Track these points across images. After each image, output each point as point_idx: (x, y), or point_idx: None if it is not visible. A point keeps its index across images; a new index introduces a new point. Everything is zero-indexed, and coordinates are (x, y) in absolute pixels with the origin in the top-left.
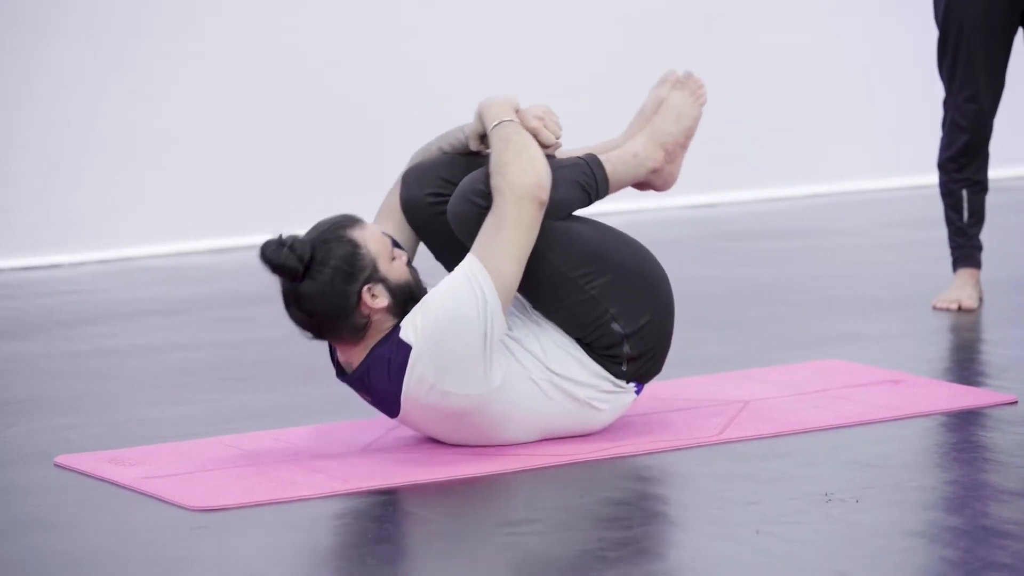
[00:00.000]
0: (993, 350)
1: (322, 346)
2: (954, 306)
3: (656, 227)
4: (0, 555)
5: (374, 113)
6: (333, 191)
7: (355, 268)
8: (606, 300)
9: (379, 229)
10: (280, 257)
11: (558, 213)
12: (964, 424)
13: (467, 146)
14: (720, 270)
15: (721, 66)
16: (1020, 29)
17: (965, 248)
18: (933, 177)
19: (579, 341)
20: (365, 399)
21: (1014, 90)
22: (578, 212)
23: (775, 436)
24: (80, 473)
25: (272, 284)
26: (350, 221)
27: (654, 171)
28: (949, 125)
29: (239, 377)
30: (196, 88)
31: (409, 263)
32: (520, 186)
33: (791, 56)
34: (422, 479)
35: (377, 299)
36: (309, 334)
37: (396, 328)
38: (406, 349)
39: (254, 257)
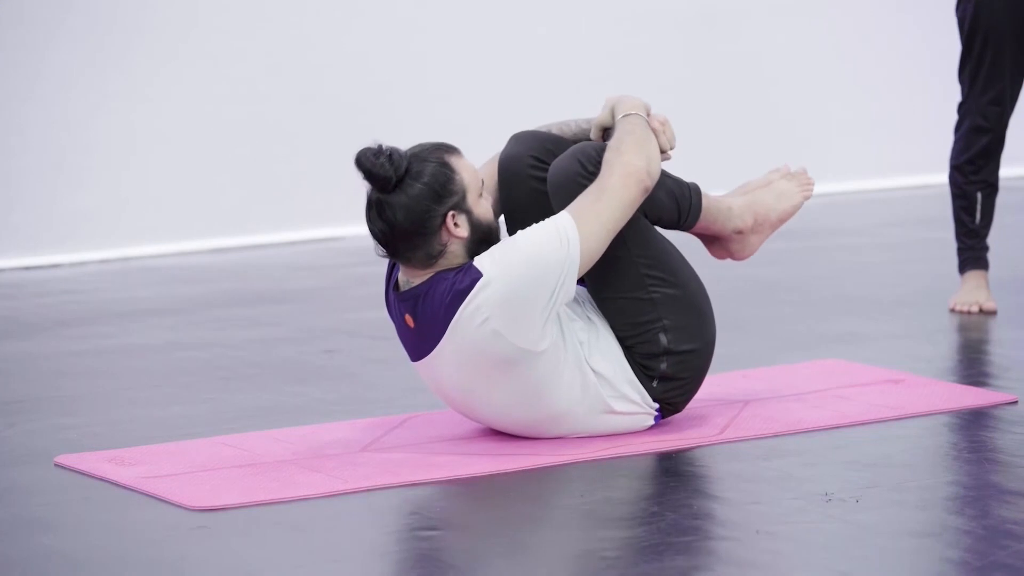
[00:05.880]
0: (993, 350)
1: (324, 342)
2: (974, 308)
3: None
4: (0, 555)
5: (373, 113)
6: (333, 191)
7: (445, 191)
8: (663, 309)
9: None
10: (376, 165)
11: (647, 214)
12: (964, 424)
13: (579, 135)
14: (720, 270)
15: (721, 66)
16: None
17: (975, 250)
18: (934, 177)
19: (623, 341)
20: (402, 328)
21: None
22: None
23: (775, 436)
24: (80, 473)
25: (272, 283)
26: (451, 148)
27: (739, 231)
28: (968, 128)
29: (239, 377)
30: (197, 88)
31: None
32: (631, 165)
33: (791, 56)
34: (422, 479)
35: (459, 228)
36: (383, 250)
37: (468, 262)
38: (476, 274)
39: (254, 257)
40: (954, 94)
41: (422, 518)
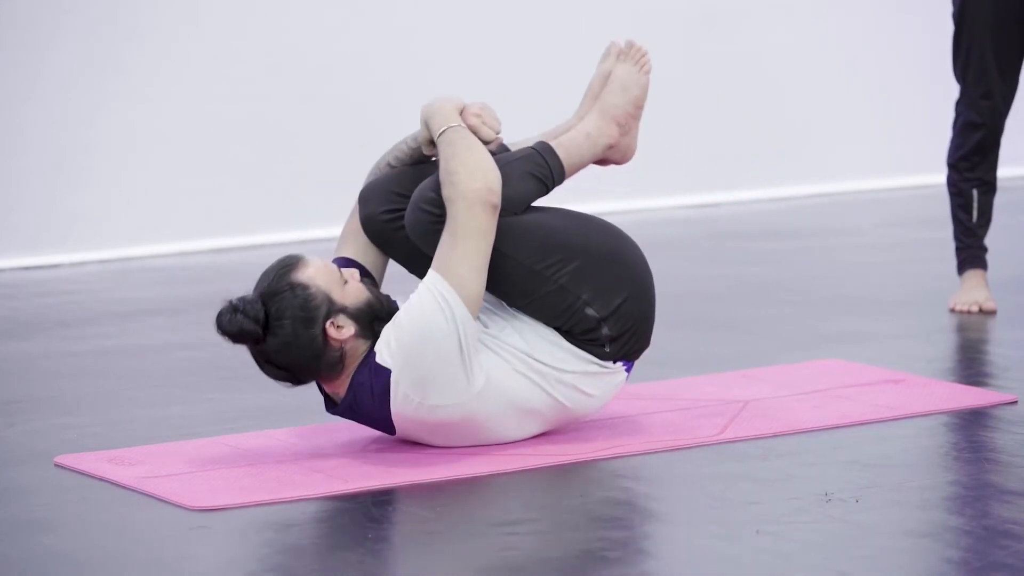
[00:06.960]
0: (993, 350)
1: None
2: (974, 308)
3: (656, 227)
4: (0, 555)
5: (374, 113)
6: (333, 191)
7: (311, 311)
8: (576, 287)
9: (322, 260)
10: (236, 325)
11: (516, 208)
12: (964, 424)
13: (415, 155)
14: (720, 270)
15: (721, 66)
16: None
17: (973, 249)
18: (934, 177)
19: (558, 330)
20: (362, 423)
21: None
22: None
23: (775, 436)
24: (80, 473)
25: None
26: (292, 263)
27: (610, 147)
28: (962, 124)
29: (239, 377)
30: (196, 88)
31: (365, 277)
32: (470, 192)
33: (791, 56)
34: (422, 479)
35: (343, 329)
36: (289, 384)
37: (372, 352)
38: (385, 373)
39: (254, 257)
40: (955, 94)
41: (421, 518)
